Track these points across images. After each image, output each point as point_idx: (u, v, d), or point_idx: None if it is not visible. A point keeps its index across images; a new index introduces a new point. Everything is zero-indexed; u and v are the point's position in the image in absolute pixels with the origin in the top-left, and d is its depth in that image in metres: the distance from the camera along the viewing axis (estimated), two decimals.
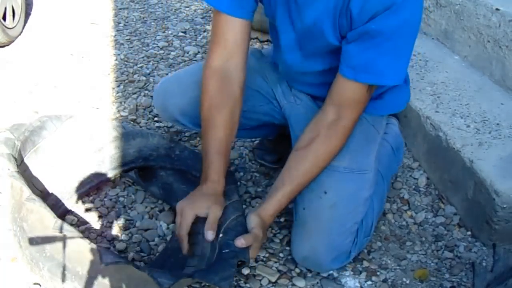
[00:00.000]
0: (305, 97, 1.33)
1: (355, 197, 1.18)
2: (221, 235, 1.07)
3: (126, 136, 1.41)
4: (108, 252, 0.94)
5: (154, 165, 1.44)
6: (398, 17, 0.98)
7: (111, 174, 1.43)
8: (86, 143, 1.36)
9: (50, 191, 1.29)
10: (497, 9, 1.70)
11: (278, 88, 1.36)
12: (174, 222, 1.34)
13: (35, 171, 1.25)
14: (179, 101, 1.31)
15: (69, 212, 1.35)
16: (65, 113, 1.37)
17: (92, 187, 1.41)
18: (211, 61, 1.15)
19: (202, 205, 1.08)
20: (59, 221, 0.95)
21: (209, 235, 1.05)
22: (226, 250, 1.05)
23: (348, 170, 1.17)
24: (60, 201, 1.32)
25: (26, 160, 1.22)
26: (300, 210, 1.18)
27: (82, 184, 1.37)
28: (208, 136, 1.14)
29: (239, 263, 1.04)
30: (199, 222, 1.09)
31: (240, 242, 1.04)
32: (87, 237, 1.30)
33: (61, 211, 1.32)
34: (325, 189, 1.15)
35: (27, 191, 1.01)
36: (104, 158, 1.39)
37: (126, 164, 1.43)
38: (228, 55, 1.14)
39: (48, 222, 0.96)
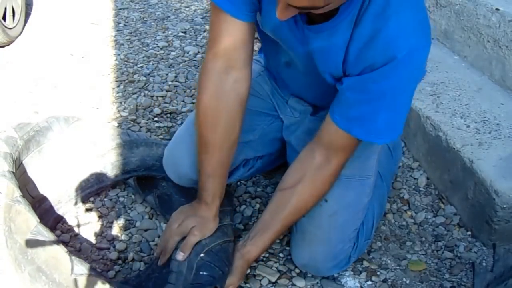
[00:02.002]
0: (303, 108, 1.26)
1: (355, 204, 1.17)
2: (202, 254, 1.05)
3: (129, 144, 1.39)
4: (80, 263, 0.93)
5: (157, 175, 1.40)
6: (399, 75, 0.89)
7: (111, 180, 1.41)
8: (89, 148, 1.35)
9: (49, 193, 1.29)
10: (497, 9, 1.70)
11: (274, 102, 1.30)
12: None
13: (37, 171, 1.24)
14: (188, 161, 1.17)
15: (67, 213, 1.35)
16: (72, 115, 1.36)
17: (92, 192, 1.40)
18: (208, 68, 1.02)
19: (189, 226, 1.08)
20: (39, 226, 0.95)
21: (179, 256, 1.05)
22: (205, 273, 1.03)
23: (350, 178, 1.15)
24: (58, 203, 1.31)
25: (29, 160, 1.22)
26: (300, 218, 1.16)
27: (82, 188, 1.36)
28: (202, 158, 1.06)
29: None
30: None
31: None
32: (87, 238, 1.31)
33: (59, 213, 1.32)
34: (326, 197, 1.13)
35: (16, 192, 1.00)
36: (106, 165, 1.38)
37: (128, 172, 1.41)
38: (226, 64, 1.01)
39: (31, 226, 0.96)
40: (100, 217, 1.37)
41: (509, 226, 1.28)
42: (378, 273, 1.25)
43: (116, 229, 1.34)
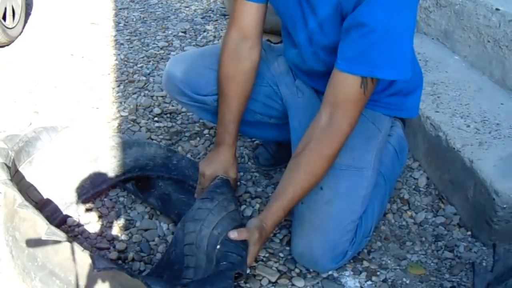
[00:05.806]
0: (308, 90, 1.35)
1: (351, 195, 1.18)
2: (218, 246, 1.07)
3: (122, 145, 1.40)
4: (101, 258, 0.92)
5: (151, 174, 1.42)
6: (385, 11, 0.96)
7: (107, 184, 1.41)
8: (82, 153, 1.35)
9: (46, 201, 1.28)
10: (497, 9, 1.70)
11: (282, 80, 1.39)
12: (174, 222, 1.34)
13: (30, 182, 1.23)
14: (181, 67, 1.36)
15: (67, 218, 1.34)
16: (61, 124, 1.36)
17: (88, 197, 1.39)
18: (227, 41, 1.27)
19: (220, 168, 1.27)
20: (52, 227, 0.93)
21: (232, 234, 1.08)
22: (224, 262, 1.04)
23: (344, 167, 1.17)
24: (57, 210, 1.31)
25: (20, 171, 1.21)
26: (299, 205, 1.19)
27: (78, 195, 1.36)
28: (224, 107, 1.29)
29: (236, 275, 1.04)
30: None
31: (233, 235, 1.07)
32: (87, 238, 1.31)
33: (59, 220, 1.31)
34: (321, 185, 1.16)
35: (19, 199, 0.99)
36: (100, 168, 1.38)
37: (123, 174, 1.42)
38: (243, 36, 1.25)
39: (40, 230, 0.94)
40: (100, 217, 1.37)
41: (509, 226, 1.28)
42: (378, 273, 1.25)
43: (116, 229, 1.34)
